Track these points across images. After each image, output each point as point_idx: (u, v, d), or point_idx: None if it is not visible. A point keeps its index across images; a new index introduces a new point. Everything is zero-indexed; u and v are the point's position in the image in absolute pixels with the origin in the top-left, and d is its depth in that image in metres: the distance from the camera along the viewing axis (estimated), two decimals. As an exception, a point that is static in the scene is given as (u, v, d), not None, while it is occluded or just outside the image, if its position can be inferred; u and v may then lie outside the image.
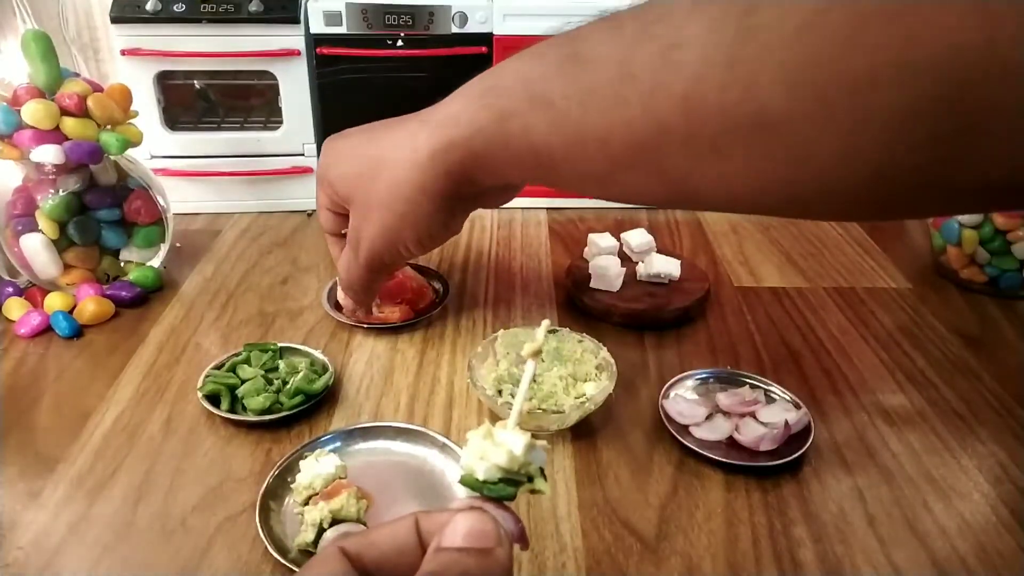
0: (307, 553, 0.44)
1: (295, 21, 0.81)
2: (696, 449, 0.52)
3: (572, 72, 0.43)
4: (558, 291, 0.74)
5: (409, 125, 0.52)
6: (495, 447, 0.30)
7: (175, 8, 0.79)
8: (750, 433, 0.53)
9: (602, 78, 0.41)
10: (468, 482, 0.31)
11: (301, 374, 0.57)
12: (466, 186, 0.50)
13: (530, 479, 0.31)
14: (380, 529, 0.30)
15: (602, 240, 0.75)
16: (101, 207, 0.69)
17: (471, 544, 0.28)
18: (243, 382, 0.57)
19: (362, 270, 0.57)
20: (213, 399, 0.56)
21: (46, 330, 0.66)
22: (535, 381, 0.57)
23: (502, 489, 0.30)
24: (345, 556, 0.28)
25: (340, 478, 0.48)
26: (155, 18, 0.79)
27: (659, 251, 0.75)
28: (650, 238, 0.75)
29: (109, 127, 0.68)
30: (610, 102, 0.41)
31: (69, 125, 0.65)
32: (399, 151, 0.51)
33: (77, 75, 0.68)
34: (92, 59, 0.95)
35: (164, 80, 0.85)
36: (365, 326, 0.66)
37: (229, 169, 0.87)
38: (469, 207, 0.56)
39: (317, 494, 0.46)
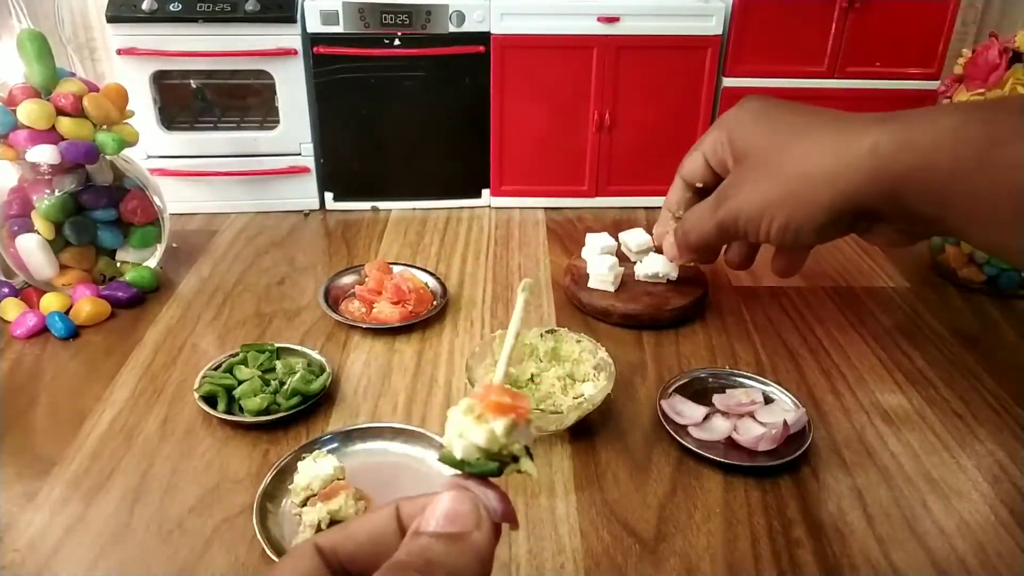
0: (305, 555, 0.44)
1: (292, 20, 0.81)
2: (695, 449, 0.52)
3: None
4: (556, 291, 0.74)
5: (859, 116, 0.45)
6: (475, 425, 0.28)
7: (171, 7, 0.79)
8: (749, 433, 0.53)
9: None
10: (447, 460, 0.29)
11: (298, 375, 0.57)
12: (888, 206, 0.43)
13: (515, 459, 0.29)
14: (359, 520, 0.30)
15: (600, 240, 0.75)
16: (97, 207, 0.69)
17: (445, 528, 0.27)
18: (240, 383, 0.56)
19: (712, 225, 0.53)
20: (210, 400, 0.55)
21: (42, 331, 0.65)
22: (533, 381, 0.57)
23: (484, 465, 0.28)
24: (319, 551, 0.28)
25: (338, 479, 0.47)
26: (151, 17, 0.79)
27: (657, 251, 0.75)
28: (648, 238, 0.75)
29: (105, 127, 0.68)
30: None
31: (65, 125, 0.65)
32: (833, 133, 0.45)
33: (73, 75, 0.68)
34: (88, 59, 0.95)
35: (160, 80, 0.84)
36: (363, 326, 0.66)
37: (226, 169, 0.87)
38: (862, 227, 0.48)
39: (315, 495, 0.46)
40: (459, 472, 0.29)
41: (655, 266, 0.71)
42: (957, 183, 0.39)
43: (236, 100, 0.93)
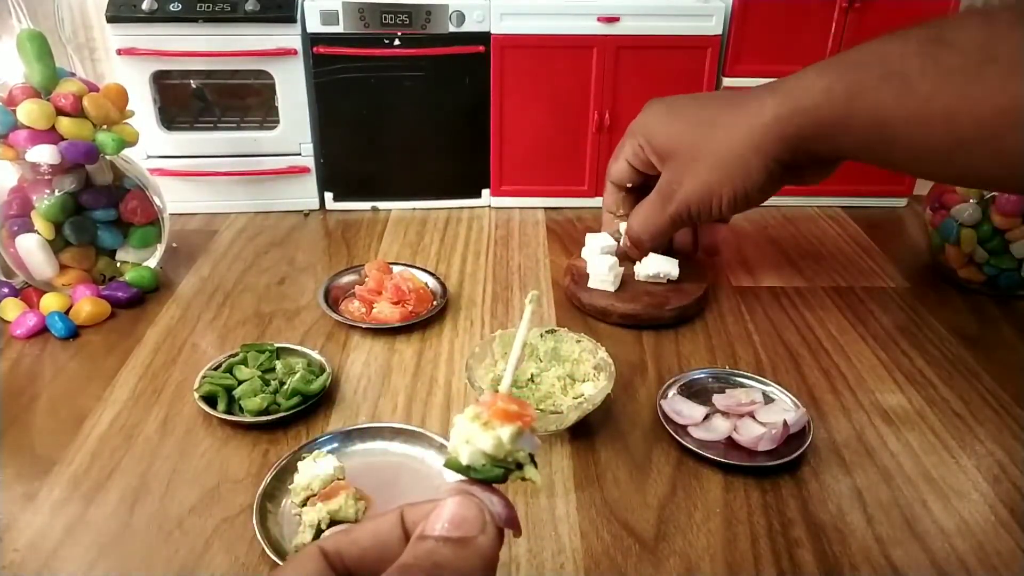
0: (305, 555, 0.44)
1: (291, 20, 0.81)
2: (695, 449, 0.52)
3: (932, 52, 0.47)
4: (556, 291, 0.74)
5: (750, 94, 0.56)
6: (482, 431, 0.29)
7: (171, 7, 0.79)
8: (748, 433, 0.53)
9: (961, 59, 0.45)
10: (452, 465, 0.29)
11: (298, 375, 0.57)
12: (799, 154, 0.54)
13: (519, 466, 0.30)
14: (363, 525, 0.30)
15: (600, 240, 0.75)
16: (97, 207, 0.69)
17: (451, 532, 0.27)
18: (240, 383, 0.56)
19: (666, 220, 0.61)
20: (210, 400, 0.55)
21: (42, 331, 0.65)
22: (533, 381, 0.57)
23: (489, 471, 0.29)
24: (324, 555, 0.28)
25: (338, 479, 0.47)
26: (151, 17, 0.79)
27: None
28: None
29: (105, 127, 0.68)
30: (964, 80, 0.45)
31: (65, 125, 0.65)
32: (738, 114, 0.55)
33: (73, 75, 0.68)
34: (88, 59, 0.95)
35: (160, 80, 0.84)
36: (363, 326, 0.66)
37: (226, 169, 0.87)
38: (787, 178, 0.58)
39: (315, 495, 0.46)
40: (464, 478, 0.29)
41: (655, 266, 0.71)
42: (839, 129, 0.51)
43: (236, 100, 0.93)
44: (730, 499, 0.50)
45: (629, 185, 0.66)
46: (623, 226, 0.68)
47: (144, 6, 0.79)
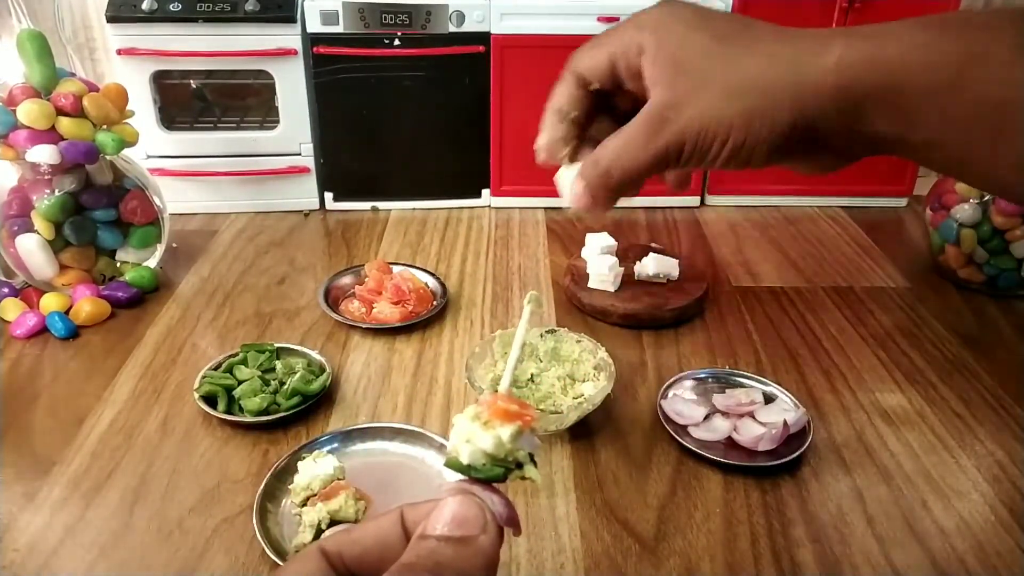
0: (305, 555, 0.44)
1: (292, 20, 0.81)
2: (695, 449, 0.52)
3: None
4: (556, 291, 0.74)
5: (815, 30, 0.41)
6: (482, 431, 0.29)
7: (171, 7, 0.79)
8: (748, 433, 0.53)
9: None
10: (453, 464, 0.30)
11: (298, 375, 0.57)
12: (843, 123, 0.40)
13: (519, 465, 0.30)
14: (364, 525, 0.30)
15: (600, 240, 0.75)
16: (97, 207, 0.69)
17: (452, 532, 0.27)
18: (240, 383, 0.56)
19: (649, 155, 0.43)
20: (210, 400, 0.55)
21: (42, 331, 0.65)
22: (533, 381, 0.56)
23: (489, 470, 0.29)
24: (324, 555, 0.28)
25: (338, 479, 0.47)
26: (151, 17, 0.79)
27: (657, 251, 0.75)
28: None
29: (105, 127, 0.68)
30: None
31: (65, 125, 0.65)
32: (784, 43, 0.40)
33: (73, 75, 0.68)
34: (88, 59, 0.95)
35: (160, 80, 0.84)
36: (363, 326, 0.66)
37: (226, 169, 0.87)
38: (796, 151, 0.43)
39: (315, 495, 0.46)
40: (464, 477, 0.29)
41: (655, 266, 0.71)
42: (928, 102, 0.37)
43: (236, 100, 0.93)
44: (730, 499, 0.50)
45: (596, 86, 0.46)
46: (568, 174, 0.45)
47: (144, 6, 0.79)
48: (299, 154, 0.88)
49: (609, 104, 0.45)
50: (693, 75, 0.42)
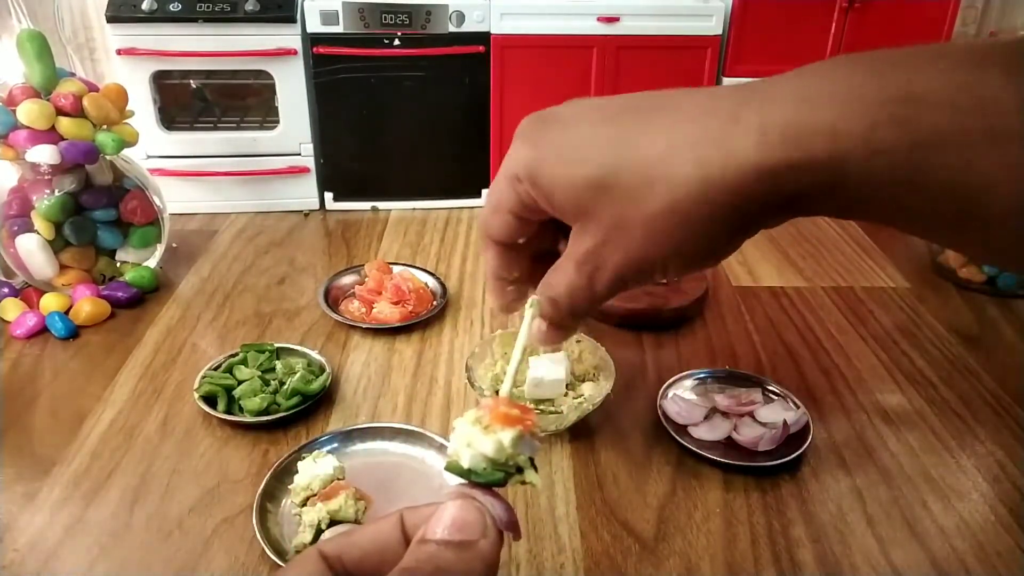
0: (305, 555, 0.44)
1: (291, 20, 0.81)
2: (695, 449, 0.52)
3: None
4: (556, 291, 0.73)
5: (705, 112, 0.33)
6: (483, 435, 0.29)
7: (171, 7, 0.79)
8: (749, 433, 0.53)
9: None
10: (453, 468, 0.29)
11: (298, 375, 0.57)
12: (788, 214, 0.34)
13: (520, 470, 0.30)
14: (363, 528, 0.30)
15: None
16: (97, 207, 0.68)
17: (453, 536, 0.27)
18: (240, 383, 0.56)
19: (597, 296, 0.39)
20: (210, 400, 0.55)
21: (42, 331, 0.65)
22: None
23: (490, 474, 0.29)
24: (324, 558, 0.28)
25: (338, 479, 0.47)
26: (151, 17, 0.79)
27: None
28: None
29: (105, 127, 0.68)
30: None
31: (65, 125, 0.65)
32: (682, 156, 0.33)
33: (73, 75, 0.68)
34: (88, 59, 0.95)
35: (160, 80, 0.84)
36: (363, 326, 0.66)
37: (225, 169, 0.87)
38: (760, 229, 0.37)
39: (315, 495, 0.46)
40: (464, 481, 0.29)
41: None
42: (889, 190, 0.31)
43: (236, 100, 0.93)
44: (730, 499, 0.50)
45: (521, 241, 0.42)
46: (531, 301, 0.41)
47: (144, 6, 0.79)
48: (299, 154, 0.88)
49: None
50: (601, 221, 0.37)
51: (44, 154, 0.64)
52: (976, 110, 0.28)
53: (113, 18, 0.79)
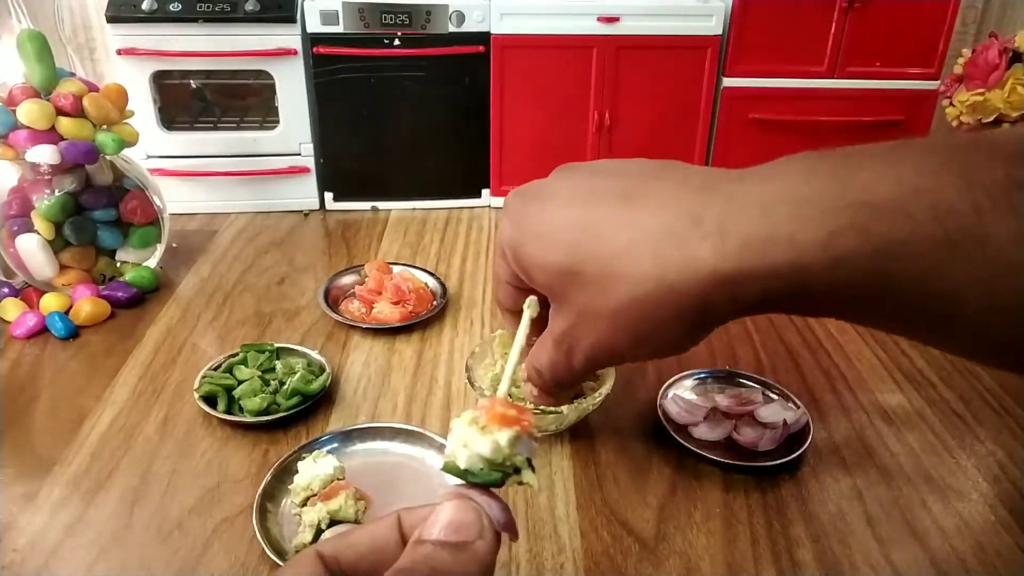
0: (305, 555, 0.44)
1: (291, 20, 0.81)
2: (695, 449, 0.52)
3: (1005, 194, 0.27)
4: (556, 291, 0.73)
5: (668, 207, 0.33)
6: (480, 436, 0.29)
7: (171, 7, 0.79)
8: (749, 433, 0.53)
9: None
10: (450, 469, 0.30)
11: (298, 375, 0.57)
12: (755, 311, 0.34)
13: (517, 470, 0.30)
14: (360, 529, 0.30)
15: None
16: (97, 207, 0.69)
17: (449, 537, 0.27)
18: (240, 383, 0.56)
19: (575, 374, 0.42)
20: (210, 400, 0.55)
21: (42, 331, 0.65)
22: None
23: (487, 475, 0.29)
24: (321, 559, 0.28)
25: (338, 479, 0.47)
26: (151, 17, 0.79)
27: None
28: None
29: (105, 127, 0.68)
30: None
31: (65, 125, 0.65)
32: (642, 253, 0.33)
33: (73, 75, 0.68)
34: (88, 59, 0.95)
35: (160, 80, 0.84)
36: (363, 326, 0.66)
37: (225, 169, 0.87)
38: (728, 322, 0.37)
39: (315, 495, 0.46)
40: (461, 482, 0.29)
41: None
42: (852, 297, 0.31)
43: (236, 100, 0.93)
44: (730, 499, 0.50)
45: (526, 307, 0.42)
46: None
47: (144, 6, 0.79)
48: (299, 154, 0.88)
49: None
50: (574, 306, 0.38)
51: (44, 154, 0.64)
52: (933, 218, 0.28)
53: (113, 18, 0.79)
